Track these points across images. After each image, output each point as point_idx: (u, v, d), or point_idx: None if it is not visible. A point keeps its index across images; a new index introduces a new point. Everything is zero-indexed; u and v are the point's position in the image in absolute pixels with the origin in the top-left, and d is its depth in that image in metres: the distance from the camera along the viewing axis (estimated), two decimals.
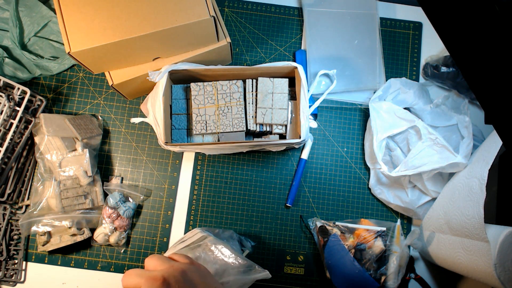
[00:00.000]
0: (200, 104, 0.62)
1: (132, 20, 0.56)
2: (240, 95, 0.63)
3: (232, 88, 0.63)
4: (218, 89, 0.63)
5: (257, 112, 0.65)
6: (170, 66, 0.62)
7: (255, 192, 0.73)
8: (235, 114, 0.63)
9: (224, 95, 0.63)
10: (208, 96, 0.62)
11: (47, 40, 0.73)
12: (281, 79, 0.66)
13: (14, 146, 0.66)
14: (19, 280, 0.68)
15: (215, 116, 0.62)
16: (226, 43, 0.67)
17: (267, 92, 0.65)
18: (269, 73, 0.67)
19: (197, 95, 0.62)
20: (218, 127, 0.62)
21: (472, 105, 0.76)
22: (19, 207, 0.70)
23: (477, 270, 0.54)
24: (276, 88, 0.65)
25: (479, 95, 0.35)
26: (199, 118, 0.62)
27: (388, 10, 0.81)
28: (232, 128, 0.62)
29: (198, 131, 0.62)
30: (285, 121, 0.65)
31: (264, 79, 0.65)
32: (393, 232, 0.69)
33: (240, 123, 0.62)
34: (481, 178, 0.54)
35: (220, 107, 0.62)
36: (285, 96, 0.65)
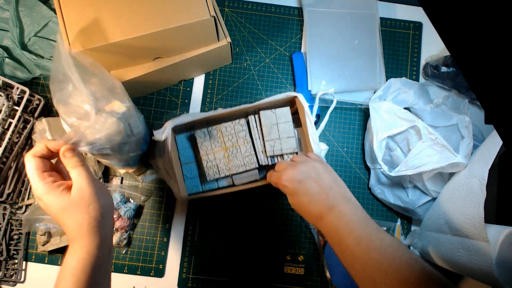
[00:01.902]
0: (208, 150, 0.61)
1: (132, 20, 0.56)
2: (246, 133, 0.62)
3: (237, 127, 0.62)
4: (223, 131, 0.62)
5: (266, 146, 0.64)
6: (173, 122, 0.61)
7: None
8: (245, 153, 0.62)
9: (229, 136, 0.62)
10: (214, 141, 0.62)
11: (47, 40, 0.73)
12: (283, 109, 0.65)
13: (13, 145, 0.66)
14: (19, 280, 0.68)
15: (225, 159, 0.61)
16: (226, 43, 0.67)
17: (271, 124, 0.64)
18: (270, 106, 0.66)
19: (203, 141, 0.61)
20: (231, 169, 0.61)
21: (472, 105, 0.76)
22: (19, 207, 0.69)
23: (477, 270, 0.54)
24: (280, 118, 0.65)
25: (479, 95, 0.35)
26: (210, 164, 0.61)
27: (388, 10, 0.81)
28: (245, 168, 0.61)
29: (211, 177, 0.61)
30: (295, 149, 0.65)
31: (266, 112, 0.65)
32: (393, 232, 0.69)
33: (252, 161, 0.62)
34: (481, 178, 0.54)
35: (228, 149, 0.62)
36: (290, 124, 0.65)
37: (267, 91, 0.77)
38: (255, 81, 0.77)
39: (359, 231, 0.46)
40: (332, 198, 0.50)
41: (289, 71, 0.78)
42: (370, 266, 0.44)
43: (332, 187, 0.52)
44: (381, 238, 0.46)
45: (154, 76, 0.67)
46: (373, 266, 0.43)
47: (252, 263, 0.71)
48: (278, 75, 0.77)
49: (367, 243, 0.45)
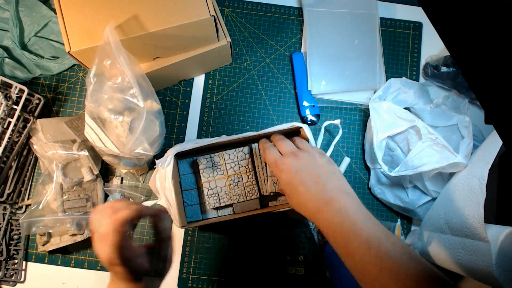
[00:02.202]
0: (210, 177, 0.59)
1: (132, 19, 0.56)
2: (249, 162, 0.60)
3: (240, 155, 0.60)
4: (226, 159, 0.60)
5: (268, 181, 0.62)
6: (175, 149, 0.59)
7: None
8: (247, 182, 0.60)
9: (232, 164, 0.60)
10: (216, 168, 0.60)
11: (47, 40, 0.73)
12: None
13: (13, 145, 0.66)
14: (19, 280, 0.68)
15: (226, 187, 0.59)
16: (226, 42, 0.67)
17: None
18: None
19: (205, 168, 0.59)
20: (231, 198, 0.59)
21: (472, 105, 0.76)
22: (19, 207, 0.69)
23: (477, 270, 0.54)
24: None
25: (479, 95, 0.35)
26: (210, 191, 0.59)
27: (388, 10, 0.81)
28: (246, 197, 0.59)
29: (212, 205, 0.59)
30: None
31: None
32: (393, 232, 0.69)
33: (253, 191, 0.60)
34: (481, 178, 0.54)
35: (230, 177, 0.60)
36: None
37: (267, 91, 0.77)
38: (255, 81, 0.77)
39: (367, 234, 0.43)
40: (329, 190, 0.47)
41: (289, 71, 0.78)
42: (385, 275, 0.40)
43: (330, 179, 0.49)
44: (393, 242, 0.42)
45: (153, 76, 0.67)
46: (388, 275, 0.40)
47: (252, 263, 0.71)
48: (278, 75, 0.77)
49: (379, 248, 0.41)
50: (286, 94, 0.77)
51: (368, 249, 0.42)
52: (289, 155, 0.51)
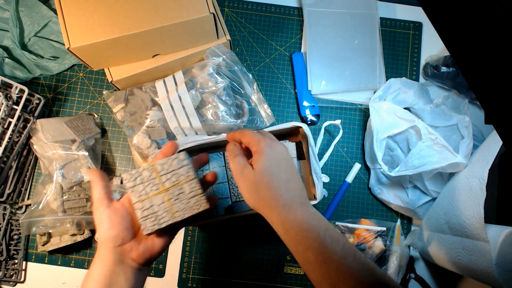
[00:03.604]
0: (142, 196, 0.47)
1: (131, 16, 0.56)
2: (188, 169, 0.49)
3: (175, 164, 0.49)
4: (159, 170, 0.48)
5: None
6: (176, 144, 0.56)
7: None
8: (190, 193, 0.48)
9: (168, 174, 0.48)
10: (149, 183, 0.48)
11: (47, 40, 0.73)
12: (288, 144, 0.65)
13: (13, 145, 0.66)
14: (19, 280, 0.68)
15: (165, 204, 0.48)
16: (226, 40, 0.67)
17: None
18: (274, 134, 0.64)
19: (134, 186, 0.47)
20: (174, 215, 0.47)
21: (472, 105, 0.76)
22: (19, 207, 0.69)
23: (477, 270, 0.54)
24: None
25: (479, 95, 0.35)
26: (146, 212, 0.46)
27: (388, 10, 0.81)
28: (192, 211, 0.48)
29: (149, 229, 0.46)
30: None
31: None
32: (393, 232, 0.69)
33: (200, 201, 0.48)
34: (481, 178, 0.54)
35: (168, 190, 0.48)
36: (294, 160, 0.64)
37: (267, 91, 0.77)
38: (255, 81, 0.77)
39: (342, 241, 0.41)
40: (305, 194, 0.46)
41: (289, 71, 0.78)
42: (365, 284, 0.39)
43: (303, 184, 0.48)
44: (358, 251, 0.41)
45: (153, 73, 0.67)
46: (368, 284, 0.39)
47: (252, 263, 0.71)
48: (278, 75, 0.77)
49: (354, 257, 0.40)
50: (286, 94, 0.77)
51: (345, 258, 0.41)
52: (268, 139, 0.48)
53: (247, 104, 0.71)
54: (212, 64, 0.67)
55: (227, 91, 0.69)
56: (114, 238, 0.44)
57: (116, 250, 0.44)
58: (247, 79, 0.72)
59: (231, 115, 0.68)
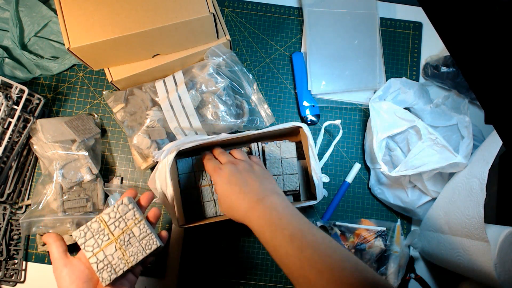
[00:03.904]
0: (95, 250, 0.48)
1: (131, 16, 0.56)
2: (135, 211, 0.51)
3: (121, 209, 0.50)
4: (106, 220, 0.50)
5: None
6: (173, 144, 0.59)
7: None
8: (140, 235, 0.50)
9: (116, 222, 0.50)
10: (99, 235, 0.49)
11: (47, 40, 0.73)
12: (288, 144, 0.65)
13: (13, 145, 0.66)
14: (19, 280, 0.68)
15: (118, 251, 0.49)
16: (226, 40, 0.67)
17: (276, 158, 0.64)
18: (274, 134, 0.66)
19: (85, 241, 0.49)
20: (128, 261, 0.49)
21: (472, 105, 0.76)
22: (19, 207, 0.69)
23: (477, 270, 0.54)
24: (284, 153, 0.64)
25: (479, 95, 0.35)
26: (101, 264, 0.48)
27: (388, 10, 0.81)
28: (145, 252, 0.50)
29: (107, 280, 0.48)
30: (297, 187, 0.64)
31: (271, 146, 0.64)
32: (393, 232, 0.69)
33: (150, 241, 0.50)
34: (481, 178, 0.54)
35: (119, 238, 0.49)
36: (294, 160, 0.64)
37: (267, 91, 0.77)
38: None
39: (292, 227, 0.45)
40: (262, 190, 0.51)
41: (289, 71, 0.78)
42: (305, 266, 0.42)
43: (263, 182, 0.53)
44: (313, 234, 0.44)
45: (153, 73, 0.67)
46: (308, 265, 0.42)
47: (252, 263, 0.71)
48: (278, 75, 0.77)
49: (301, 240, 0.44)
50: (286, 94, 0.77)
51: (291, 242, 0.44)
52: (228, 163, 0.56)
53: (247, 104, 0.71)
54: (212, 64, 0.67)
55: (227, 91, 0.69)
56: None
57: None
58: (247, 79, 0.72)
59: (231, 115, 0.68)
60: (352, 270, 0.41)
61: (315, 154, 0.63)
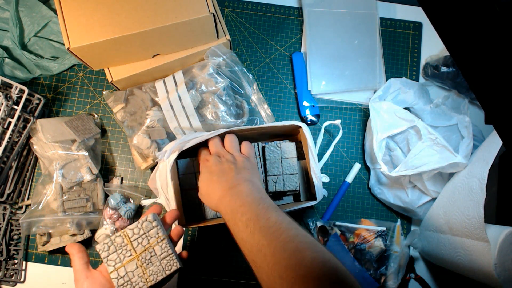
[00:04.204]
0: (117, 264, 0.49)
1: (131, 16, 0.56)
2: (158, 229, 0.51)
3: (145, 226, 0.51)
4: (130, 236, 0.50)
5: (268, 181, 0.62)
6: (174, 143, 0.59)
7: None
8: (161, 255, 0.50)
9: (139, 239, 0.50)
10: (122, 250, 0.50)
11: (47, 40, 0.73)
12: (288, 144, 0.64)
13: (13, 145, 0.66)
14: (19, 280, 0.68)
15: (139, 269, 0.50)
16: (226, 40, 0.67)
17: (276, 158, 0.63)
18: (274, 131, 0.66)
19: (108, 255, 0.49)
20: (147, 280, 0.50)
21: (472, 105, 0.76)
22: (19, 207, 0.69)
23: (477, 270, 0.54)
24: (284, 153, 0.64)
25: (479, 95, 0.35)
26: (121, 281, 0.49)
27: (388, 10, 0.81)
28: (165, 273, 0.50)
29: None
30: (297, 187, 0.64)
31: (271, 146, 0.63)
32: (393, 232, 0.69)
33: (171, 262, 0.51)
34: (481, 178, 0.54)
35: (141, 255, 0.50)
36: (294, 160, 0.64)
37: (267, 91, 0.77)
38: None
39: (250, 213, 0.45)
40: (236, 179, 0.51)
41: (289, 71, 0.78)
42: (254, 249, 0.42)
43: (241, 172, 0.53)
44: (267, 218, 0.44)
45: (153, 73, 0.67)
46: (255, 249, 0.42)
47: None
48: (278, 75, 0.77)
49: (253, 225, 0.43)
50: (286, 94, 0.77)
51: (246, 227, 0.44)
52: (214, 154, 0.57)
53: (247, 104, 0.71)
54: (212, 64, 0.67)
55: (227, 91, 0.69)
56: None
57: None
58: (247, 79, 0.72)
59: (231, 115, 0.68)
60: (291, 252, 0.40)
61: (315, 154, 0.63)
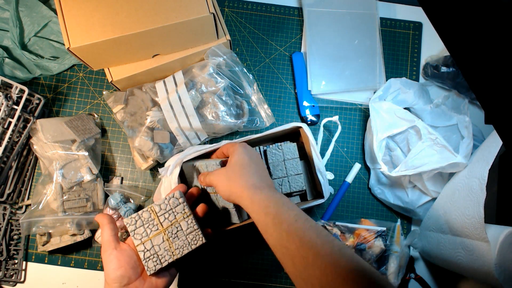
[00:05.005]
0: (143, 238, 0.51)
1: (131, 16, 0.56)
2: (184, 206, 0.53)
3: (172, 202, 0.52)
4: (157, 211, 0.52)
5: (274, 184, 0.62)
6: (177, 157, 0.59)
7: None
8: (187, 230, 0.52)
9: (166, 214, 0.52)
10: (149, 224, 0.51)
11: (47, 40, 0.73)
12: (290, 145, 0.64)
13: (13, 145, 0.66)
14: (19, 280, 0.68)
15: (165, 242, 0.51)
16: (226, 40, 0.67)
17: (278, 161, 0.63)
18: (275, 136, 0.66)
19: (135, 229, 0.51)
20: (174, 253, 0.51)
21: (472, 105, 0.76)
22: (19, 207, 0.69)
23: (477, 270, 0.54)
24: (287, 154, 0.63)
25: (479, 95, 0.35)
26: (148, 253, 0.50)
27: (388, 10, 0.81)
28: (190, 247, 0.52)
29: (152, 269, 0.50)
30: (303, 186, 0.63)
31: (272, 149, 0.63)
32: (393, 232, 0.69)
33: (196, 236, 0.53)
34: (481, 178, 0.54)
35: (167, 230, 0.52)
36: (297, 161, 0.64)
37: (267, 91, 0.77)
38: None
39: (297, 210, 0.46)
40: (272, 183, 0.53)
41: (289, 71, 0.78)
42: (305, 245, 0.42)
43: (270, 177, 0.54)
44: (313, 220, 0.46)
45: (153, 73, 0.67)
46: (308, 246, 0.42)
47: (252, 263, 0.71)
48: (278, 75, 0.77)
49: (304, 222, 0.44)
50: (286, 94, 0.77)
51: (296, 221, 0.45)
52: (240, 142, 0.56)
53: (247, 105, 0.71)
54: (212, 64, 0.67)
55: (227, 91, 0.69)
56: (120, 277, 0.47)
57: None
58: (247, 79, 0.72)
59: (231, 115, 0.68)
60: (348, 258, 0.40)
61: (318, 152, 0.63)
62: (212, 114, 0.67)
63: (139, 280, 0.49)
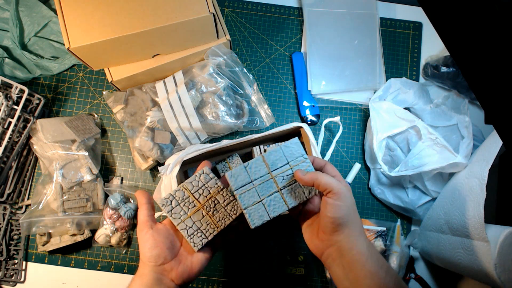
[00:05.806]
0: (182, 216, 0.50)
1: (131, 16, 0.56)
2: (216, 180, 0.53)
3: (203, 178, 0.52)
4: (190, 188, 0.52)
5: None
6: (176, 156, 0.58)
7: None
8: (224, 202, 0.52)
9: (200, 190, 0.52)
10: (185, 203, 0.51)
11: (47, 40, 0.73)
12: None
13: (13, 145, 0.66)
14: (19, 280, 0.68)
15: (206, 217, 0.51)
16: (226, 40, 0.67)
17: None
18: (276, 137, 0.66)
19: (172, 209, 0.50)
20: (217, 225, 0.51)
21: (472, 105, 0.76)
22: (19, 207, 0.69)
23: (477, 270, 0.54)
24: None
25: (479, 95, 0.35)
26: (191, 230, 0.50)
27: (388, 10, 0.81)
28: (231, 217, 0.52)
29: (199, 244, 0.49)
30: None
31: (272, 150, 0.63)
32: (393, 232, 0.69)
33: (234, 206, 0.52)
34: (481, 178, 0.54)
35: (205, 205, 0.51)
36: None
37: (267, 91, 0.77)
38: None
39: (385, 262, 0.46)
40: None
41: (289, 71, 0.78)
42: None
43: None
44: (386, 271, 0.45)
45: (153, 73, 0.67)
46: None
47: (252, 263, 0.71)
48: (278, 75, 0.77)
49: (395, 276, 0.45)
50: (286, 94, 0.77)
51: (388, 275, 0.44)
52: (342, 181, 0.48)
53: (247, 105, 0.71)
54: (212, 64, 0.67)
55: (227, 91, 0.69)
56: (156, 257, 0.46)
57: (156, 269, 0.46)
58: (247, 79, 0.72)
59: (231, 115, 0.68)
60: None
61: (319, 153, 0.63)
62: (212, 114, 0.67)
63: (174, 261, 0.48)
